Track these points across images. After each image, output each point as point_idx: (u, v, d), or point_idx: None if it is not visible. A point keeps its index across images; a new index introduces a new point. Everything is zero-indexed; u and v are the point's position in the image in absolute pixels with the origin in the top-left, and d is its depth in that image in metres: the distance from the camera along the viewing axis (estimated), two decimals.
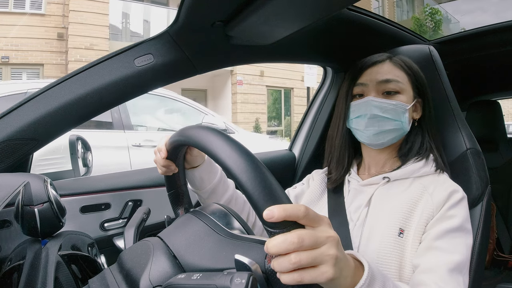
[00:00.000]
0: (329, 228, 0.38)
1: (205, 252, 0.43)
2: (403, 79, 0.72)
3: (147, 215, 0.61)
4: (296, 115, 11.44)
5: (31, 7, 7.23)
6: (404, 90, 0.71)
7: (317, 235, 0.35)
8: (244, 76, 9.91)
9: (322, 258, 0.35)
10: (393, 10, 11.82)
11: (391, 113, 0.69)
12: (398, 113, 0.69)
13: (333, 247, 0.36)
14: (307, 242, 0.34)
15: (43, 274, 0.48)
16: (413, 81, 0.73)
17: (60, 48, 7.38)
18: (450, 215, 0.62)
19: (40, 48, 7.23)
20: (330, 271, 0.35)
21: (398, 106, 0.69)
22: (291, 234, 0.34)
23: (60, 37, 7.33)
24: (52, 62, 7.34)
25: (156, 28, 8.14)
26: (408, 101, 0.71)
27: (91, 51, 7.31)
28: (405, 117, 0.69)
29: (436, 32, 10.51)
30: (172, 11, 8.55)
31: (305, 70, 8.33)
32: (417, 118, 0.74)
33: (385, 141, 0.71)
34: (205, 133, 0.42)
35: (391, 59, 0.74)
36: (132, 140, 2.95)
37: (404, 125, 0.70)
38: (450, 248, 0.59)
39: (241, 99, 10.12)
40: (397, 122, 0.69)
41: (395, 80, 0.70)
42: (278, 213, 0.33)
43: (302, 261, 0.34)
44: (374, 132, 0.70)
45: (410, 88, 0.72)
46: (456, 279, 0.56)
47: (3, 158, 0.71)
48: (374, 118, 0.69)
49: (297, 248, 0.34)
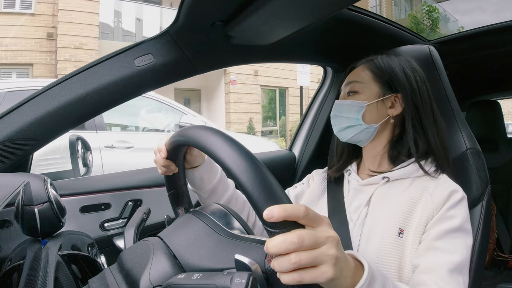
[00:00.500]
0: (329, 228, 0.38)
1: (205, 252, 0.43)
2: (366, 78, 0.74)
3: (147, 215, 0.61)
4: (292, 115, 11.14)
5: (21, 7, 7.15)
6: (364, 89, 0.73)
7: (317, 235, 0.35)
8: (237, 76, 9.75)
9: (322, 258, 0.35)
10: (391, 9, 11.75)
11: (345, 112, 0.75)
12: (352, 111, 0.73)
13: (333, 247, 0.36)
14: (307, 242, 0.34)
15: (43, 274, 0.48)
16: (380, 77, 0.73)
17: (49, 48, 7.27)
18: (450, 215, 0.62)
19: (30, 48, 7.13)
20: (330, 271, 0.35)
21: (353, 104, 0.74)
22: (291, 234, 0.34)
23: (50, 37, 7.21)
24: (41, 62, 7.23)
25: (149, 26, 8.05)
26: (369, 99, 0.72)
27: (80, 50, 7.23)
28: (360, 114, 0.73)
29: (433, 30, 10.42)
30: (165, 10, 8.43)
31: (297, 69, 8.18)
32: (395, 114, 0.73)
33: (349, 137, 0.75)
34: (205, 133, 0.43)
35: (369, 62, 0.76)
36: (105, 141, 2.84)
37: (360, 122, 0.73)
38: (450, 249, 0.59)
39: (234, 99, 9.83)
40: (353, 120, 0.73)
41: (354, 81, 0.75)
42: (278, 213, 0.33)
43: (302, 261, 0.34)
44: (336, 130, 0.78)
45: (374, 86, 0.73)
46: (456, 279, 0.56)
47: (3, 158, 0.71)
48: (335, 118, 0.77)
49: (297, 248, 0.34)
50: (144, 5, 8.27)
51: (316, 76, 10.38)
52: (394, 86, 0.73)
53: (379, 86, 0.73)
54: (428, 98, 0.73)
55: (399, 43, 0.99)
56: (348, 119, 0.74)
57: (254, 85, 10.18)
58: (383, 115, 0.73)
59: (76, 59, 7.14)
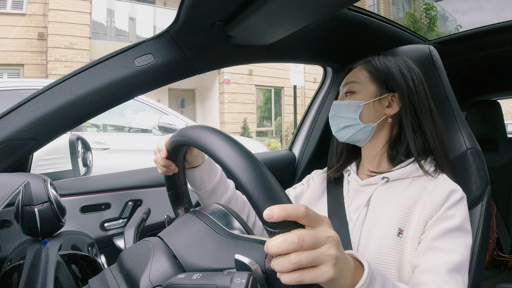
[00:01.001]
0: (329, 228, 0.38)
1: (205, 252, 0.43)
2: (362, 78, 0.75)
3: (147, 215, 0.61)
4: (287, 115, 10.91)
5: (13, 7, 7.05)
6: (361, 89, 0.74)
7: (317, 235, 0.35)
8: (232, 75, 9.58)
9: (322, 258, 0.35)
10: (389, 8, 11.68)
11: (343, 112, 0.75)
12: (350, 111, 0.74)
13: (333, 247, 0.36)
14: (307, 242, 0.34)
15: (43, 274, 0.48)
16: (377, 77, 0.73)
17: (40, 48, 7.20)
18: (450, 215, 0.62)
19: (21, 48, 7.07)
20: (331, 271, 0.35)
21: (350, 104, 0.74)
22: (291, 234, 0.34)
23: (41, 37, 7.14)
24: (32, 62, 7.15)
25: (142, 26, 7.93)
26: (365, 98, 0.73)
27: (71, 50, 7.14)
28: (358, 114, 0.73)
29: (431, 29, 10.32)
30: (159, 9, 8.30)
31: (291, 68, 8.03)
32: (392, 113, 0.73)
33: (347, 137, 0.76)
34: (205, 133, 0.43)
35: (366, 62, 0.77)
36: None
37: (358, 121, 0.73)
38: (450, 248, 0.59)
39: (228, 99, 9.63)
40: (350, 119, 0.74)
41: (352, 81, 0.76)
42: (278, 213, 0.33)
43: (302, 261, 0.34)
44: (335, 130, 0.78)
45: (371, 86, 0.73)
46: (456, 279, 0.56)
47: (3, 158, 0.71)
48: (332, 118, 0.78)
49: (297, 248, 0.34)
50: (138, 4, 8.16)
51: (312, 75, 10.30)
52: (391, 86, 0.73)
53: (376, 86, 0.74)
54: (426, 98, 0.73)
55: (399, 43, 0.99)
56: (345, 119, 0.75)
57: (248, 85, 10.03)
58: (380, 114, 0.73)
59: (67, 59, 7.06)
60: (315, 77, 10.63)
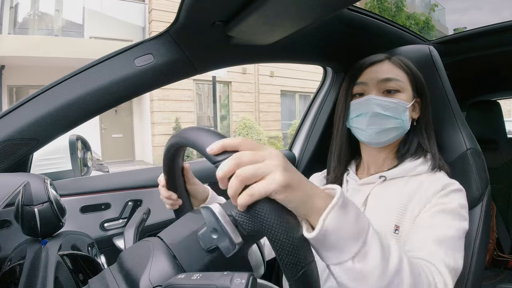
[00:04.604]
0: (274, 151, 0.38)
1: (205, 252, 0.43)
2: (403, 78, 0.72)
3: (147, 215, 0.61)
4: (236, 113, 9.34)
5: None
6: (404, 89, 0.72)
7: (258, 153, 0.36)
8: None
9: (267, 168, 0.35)
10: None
11: (392, 111, 0.69)
12: (399, 112, 0.69)
13: (276, 159, 0.36)
14: (246, 157, 0.35)
15: (43, 274, 0.48)
16: (412, 81, 0.73)
17: None
18: (443, 201, 0.61)
19: None
20: (279, 177, 0.35)
21: (399, 104, 0.69)
22: (231, 156, 0.36)
23: None
24: None
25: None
26: (408, 100, 0.71)
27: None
28: (406, 116, 0.70)
29: (399, 9, 9.38)
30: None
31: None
32: (415, 118, 0.74)
33: (386, 140, 0.71)
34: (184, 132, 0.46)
35: (390, 59, 0.75)
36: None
37: (405, 124, 0.70)
38: (440, 224, 0.57)
39: (158, 96, 8.14)
40: (398, 121, 0.70)
41: (396, 79, 0.71)
42: (217, 144, 0.36)
43: (246, 173, 0.34)
44: (376, 131, 0.70)
45: (409, 87, 0.73)
46: (445, 250, 0.54)
47: (3, 158, 0.71)
48: (376, 117, 0.69)
49: (238, 163, 0.35)
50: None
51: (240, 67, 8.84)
52: (419, 91, 0.74)
53: (411, 88, 0.73)
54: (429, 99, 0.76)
55: (399, 43, 0.99)
56: (394, 120, 0.69)
57: (186, 80, 9.04)
58: (409, 118, 0.72)
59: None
60: (272, 70, 9.53)
